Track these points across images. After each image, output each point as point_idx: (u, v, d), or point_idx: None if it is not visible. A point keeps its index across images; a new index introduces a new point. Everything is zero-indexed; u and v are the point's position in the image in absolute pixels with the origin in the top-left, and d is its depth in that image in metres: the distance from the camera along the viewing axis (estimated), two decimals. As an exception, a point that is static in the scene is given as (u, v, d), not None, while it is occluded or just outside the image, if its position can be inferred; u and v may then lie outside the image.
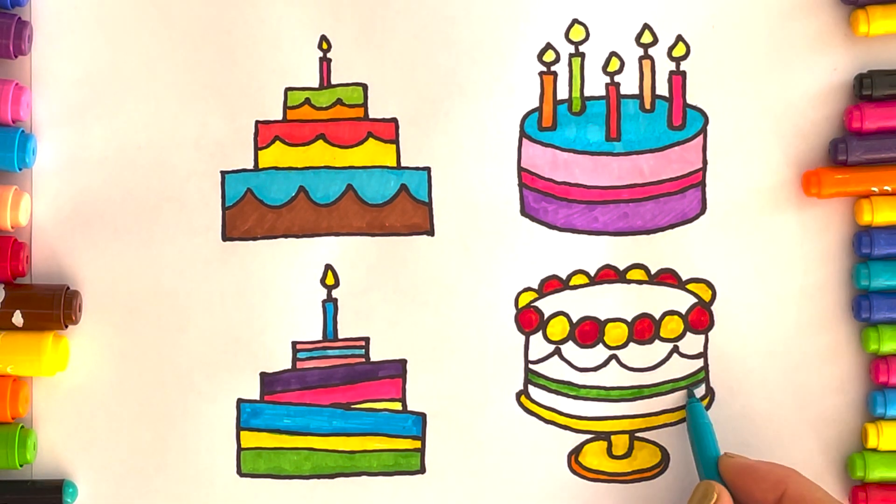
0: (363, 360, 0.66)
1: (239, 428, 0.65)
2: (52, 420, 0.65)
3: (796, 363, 0.66)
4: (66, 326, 0.64)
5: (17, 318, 0.63)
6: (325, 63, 0.65)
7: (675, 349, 0.66)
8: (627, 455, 0.66)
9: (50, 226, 0.65)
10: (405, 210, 0.66)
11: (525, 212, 0.66)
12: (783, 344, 0.66)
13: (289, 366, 0.65)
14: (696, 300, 0.66)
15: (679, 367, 0.66)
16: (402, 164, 0.66)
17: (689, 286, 0.66)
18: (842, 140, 0.65)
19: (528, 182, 0.66)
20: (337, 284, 0.65)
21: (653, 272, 0.66)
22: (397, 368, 0.66)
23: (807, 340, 0.66)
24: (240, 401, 0.65)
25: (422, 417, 0.66)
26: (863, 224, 0.65)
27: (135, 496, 0.65)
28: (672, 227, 0.66)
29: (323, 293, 0.65)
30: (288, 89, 0.65)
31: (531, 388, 0.66)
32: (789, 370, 0.66)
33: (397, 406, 0.66)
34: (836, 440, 0.66)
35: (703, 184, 0.66)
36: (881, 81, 0.65)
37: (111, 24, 0.65)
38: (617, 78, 0.66)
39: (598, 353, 0.66)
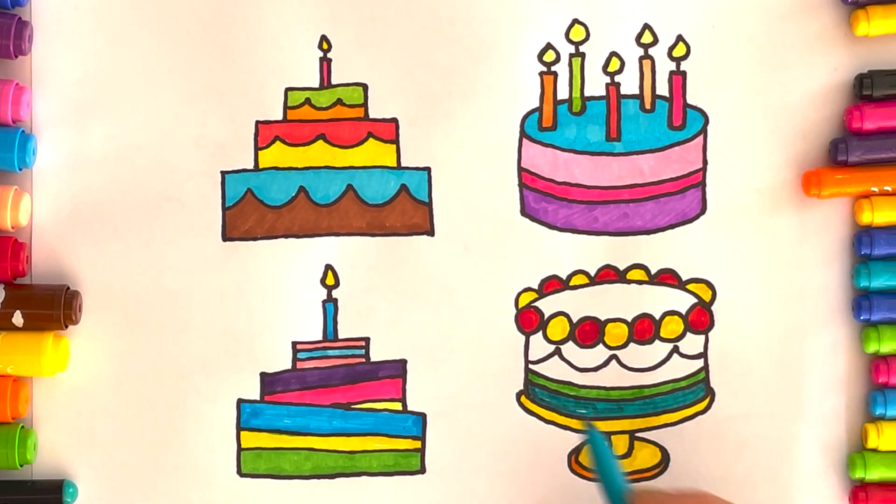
0: (363, 360, 0.66)
1: (239, 428, 0.65)
2: (52, 420, 0.65)
3: (796, 363, 0.66)
4: (66, 326, 0.64)
5: (17, 318, 0.63)
6: (325, 63, 0.65)
7: (676, 349, 0.66)
8: (627, 455, 0.66)
9: (50, 226, 0.65)
10: (405, 210, 0.66)
11: (525, 212, 0.66)
12: (783, 344, 0.66)
13: (289, 366, 0.65)
14: (696, 300, 0.66)
15: (679, 367, 0.66)
16: (403, 164, 0.66)
17: (689, 286, 0.66)
18: (842, 140, 0.65)
19: (529, 182, 0.66)
20: (337, 284, 0.65)
21: (653, 272, 0.66)
22: (397, 368, 0.66)
23: (807, 340, 0.66)
24: (240, 401, 0.65)
25: (422, 417, 0.66)
26: (863, 224, 0.65)
27: (135, 496, 0.65)
28: (672, 227, 0.66)
29: (323, 293, 0.65)
30: (288, 89, 0.65)
31: (531, 388, 0.66)
32: (789, 370, 0.66)
33: (397, 406, 0.66)
34: (836, 440, 0.66)
35: (703, 184, 0.66)
36: (881, 81, 0.65)
37: (111, 24, 0.65)
38: (617, 78, 0.66)
39: (599, 353, 0.66)
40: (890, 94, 0.65)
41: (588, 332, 0.66)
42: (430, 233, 0.66)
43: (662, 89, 0.66)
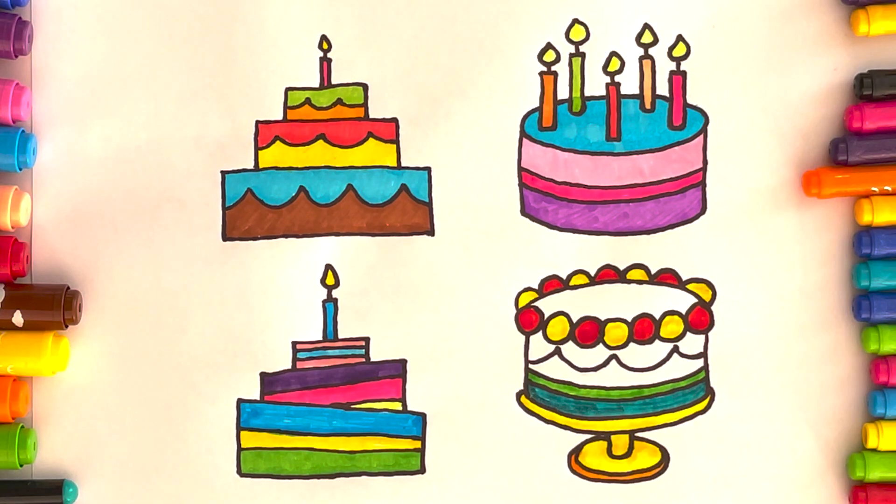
0: (363, 360, 0.66)
1: (239, 428, 0.65)
2: (52, 420, 0.65)
3: (796, 363, 0.66)
4: (67, 326, 0.64)
5: (17, 318, 0.63)
6: (325, 63, 0.65)
7: (676, 349, 0.66)
8: (627, 455, 0.66)
9: (50, 226, 0.65)
10: (405, 210, 0.66)
11: (525, 212, 0.66)
12: (783, 344, 0.66)
13: (289, 366, 0.65)
14: (696, 300, 0.66)
15: (679, 367, 0.66)
16: (403, 164, 0.66)
17: (689, 286, 0.66)
18: (842, 140, 0.65)
19: (529, 182, 0.66)
20: (337, 284, 0.65)
21: (653, 272, 0.66)
22: (397, 368, 0.66)
23: (807, 340, 0.66)
24: (240, 401, 0.65)
25: (422, 417, 0.66)
26: (863, 224, 0.65)
27: (135, 496, 0.65)
28: (672, 227, 0.66)
29: (323, 293, 0.65)
30: (288, 89, 0.65)
31: (531, 388, 0.66)
32: (789, 370, 0.66)
33: (397, 406, 0.66)
34: (837, 440, 0.66)
35: (703, 184, 0.66)
36: (881, 81, 0.65)
37: (111, 24, 0.65)
38: (617, 78, 0.66)
39: (599, 353, 0.66)
40: (890, 94, 0.65)
41: (588, 332, 0.66)
42: (430, 233, 0.66)
43: (662, 89, 0.66)
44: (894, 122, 0.65)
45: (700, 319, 0.66)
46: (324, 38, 0.65)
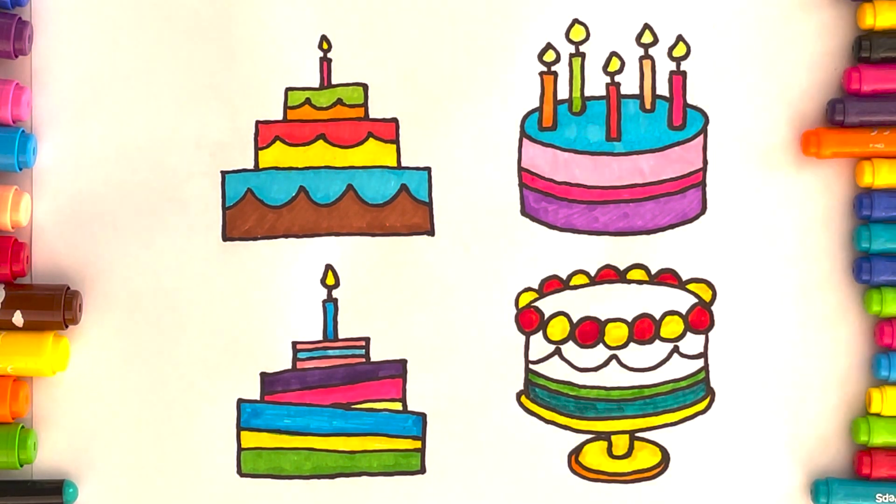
0: (363, 360, 0.66)
1: (239, 428, 0.65)
2: (52, 420, 0.65)
3: (801, 361, 0.66)
4: (67, 326, 0.64)
5: (18, 318, 0.63)
6: (325, 63, 0.65)
7: (676, 349, 0.66)
8: (627, 455, 0.66)
9: (50, 226, 0.65)
10: (405, 210, 0.66)
11: (525, 212, 0.66)
12: (785, 343, 0.66)
13: (289, 366, 0.65)
14: (696, 300, 0.66)
15: (679, 367, 0.66)
16: (403, 164, 0.66)
17: (689, 286, 0.66)
18: (839, 101, 0.64)
19: (529, 182, 0.66)
20: (337, 284, 0.65)
21: (653, 272, 0.66)
22: (397, 368, 0.66)
23: (812, 338, 0.66)
24: (240, 401, 0.65)
25: (422, 417, 0.66)
26: (863, 186, 0.65)
27: (135, 496, 0.65)
28: (672, 227, 0.66)
29: (323, 293, 0.65)
30: (288, 89, 0.65)
31: (531, 388, 0.66)
32: (793, 373, 0.66)
33: (397, 406, 0.66)
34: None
35: (703, 184, 0.66)
36: (879, 43, 0.64)
37: (111, 24, 0.65)
38: (617, 78, 0.66)
39: (599, 353, 0.66)
40: (888, 56, 0.64)
41: (588, 332, 0.66)
42: (430, 233, 0.66)
43: (662, 89, 0.66)
44: (892, 84, 0.64)
45: (700, 319, 0.66)
46: (324, 38, 0.65)
